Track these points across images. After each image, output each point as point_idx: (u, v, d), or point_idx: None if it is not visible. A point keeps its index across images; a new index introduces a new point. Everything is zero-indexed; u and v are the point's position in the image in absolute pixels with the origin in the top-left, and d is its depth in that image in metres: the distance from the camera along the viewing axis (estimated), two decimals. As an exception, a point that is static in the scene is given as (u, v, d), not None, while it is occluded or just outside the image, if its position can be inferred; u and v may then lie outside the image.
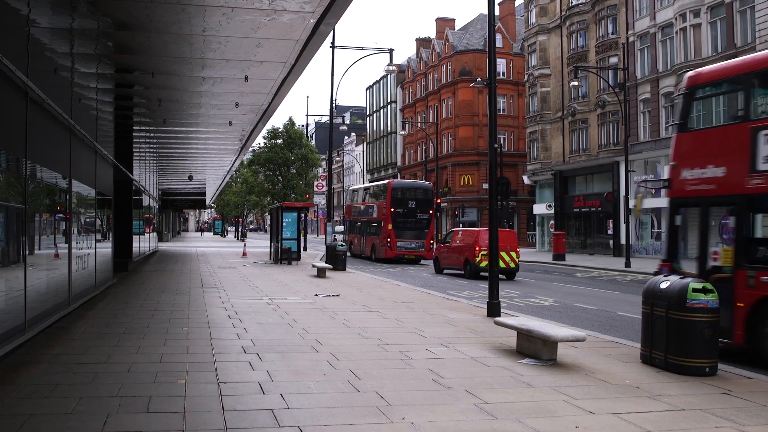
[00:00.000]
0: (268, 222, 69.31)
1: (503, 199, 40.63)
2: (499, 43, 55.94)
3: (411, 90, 69.23)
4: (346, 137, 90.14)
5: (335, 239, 29.00)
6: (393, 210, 31.30)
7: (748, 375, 7.46)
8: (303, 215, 34.65)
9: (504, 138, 53.87)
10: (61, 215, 11.24)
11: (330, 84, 30.62)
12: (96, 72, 11.85)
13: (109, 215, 17.68)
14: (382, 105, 77.79)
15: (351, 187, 57.87)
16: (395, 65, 40.60)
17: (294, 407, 5.73)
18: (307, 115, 59.21)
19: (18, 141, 8.13)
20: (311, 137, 68.05)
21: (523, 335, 8.32)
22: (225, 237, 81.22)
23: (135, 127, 18.00)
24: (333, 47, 27.20)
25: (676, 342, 7.39)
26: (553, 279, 23.00)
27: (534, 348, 8.05)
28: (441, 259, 25.63)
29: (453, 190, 56.64)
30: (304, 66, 11.31)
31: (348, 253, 28.23)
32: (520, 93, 55.72)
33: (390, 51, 30.85)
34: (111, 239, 17.94)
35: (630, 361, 8.01)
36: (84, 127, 12.14)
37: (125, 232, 20.85)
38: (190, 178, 33.75)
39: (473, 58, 57.46)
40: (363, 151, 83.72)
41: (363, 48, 30.78)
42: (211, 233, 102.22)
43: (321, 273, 20.26)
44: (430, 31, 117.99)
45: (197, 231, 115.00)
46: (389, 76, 70.66)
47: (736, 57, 22.76)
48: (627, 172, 31.06)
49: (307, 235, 48.73)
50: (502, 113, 55.15)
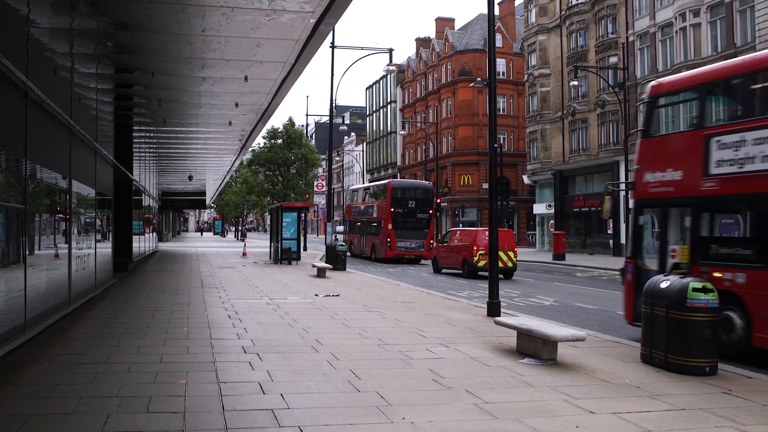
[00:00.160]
0: (267, 222, 69.35)
1: (503, 199, 40.66)
2: (499, 43, 55.92)
3: (411, 90, 69.23)
4: (346, 137, 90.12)
5: (336, 239, 29.01)
6: (393, 210, 31.31)
7: (748, 375, 7.46)
8: (303, 215, 34.65)
9: (504, 138, 53.86)
10: (61, 215, 11.24)
11: (330, 84, 30.62)
12: (96, 72, 11.86)
13: (109, 215, 17.68)
14: (381, 105, 77.77)
15: (351, 187, 57.86)
16: (395, 65, 40.60)
17: (294, 407, 5.73)
18: (307, 115, 59.33)
19: (18, 141, 8.13)
20: (311, 137, 68.09)
21: (523, 335, 8.32)
22: (225, 237, 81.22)
23: (135, 127, 18.01)
24: (333, 47, 27.20)
25: (676, 341, 7.39)
26: (553, 279, 23.01)
27: (534, 348, 8.05)
28: (439, 259, 25.71)
29: (453, 189, 56.64)
30: (303, 66, 11.32)
31: (348, 253, 28.24)
32: (519, 93, 55.71)
33: (390, 51, 30.88)
34: (111, 239, 17.95)
35: (630, 361, 8.01)
36: (84, 127, 12.14)
37: (125, 232, 20.85)
38: (190, 178, 33.76)
39: (473, 57, 57.46)
40: (363, 151, 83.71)
41: (363, 48, 30.81)
42: (211, 233, 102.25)
43: (321, 273, 20.26)
44: (429, 31, 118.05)
45: (197, 231, 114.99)
46: (389, 76, 70.62)
47: (735, 57, 22.76)
48: (627, 171, 31.08)
49: (307, 235, 48.75)
50: (501, 113, 55.15)
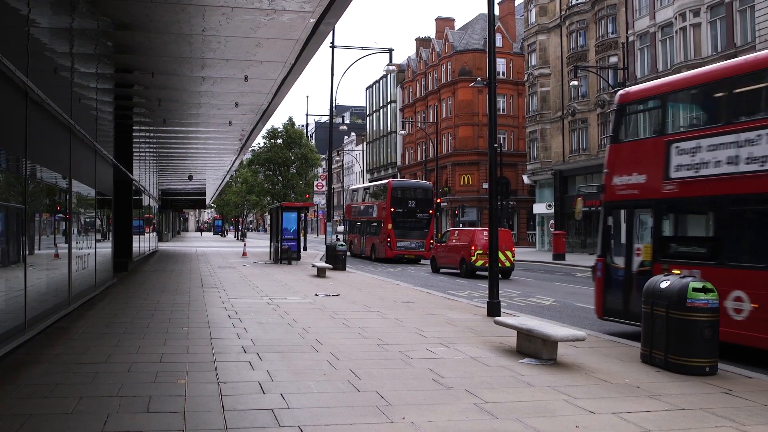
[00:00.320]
0: (267, 222, 69.32)
1: (503, 199, 40.64)
2: (499, 43, 55.92)
3: (411, 90, 69.22)
4: (345, 137, 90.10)
5: (338, 239, 28.99)
6: (393, 210, 31.31)
7: (748, 374, 7.45)
8: (303, 215, 34.63)
9: (504, 138, 53.86)
10: (61, 215, 11.24)
11: (330, 84, 30.62)
12: (96, 72, 11.85)
13: (109, 215, 17.67)
14: (381, 105, 77.77)
15: (351, 187, 57.86)
16: (395, 65, 40.59)
17: (294, 407, 5.73)
18: (307, 115, 59.35)
19: (18, 141, 8.13)
20: (311, 137, 67.99)
21: (523, 335, 8.32)
22: (225, 237, 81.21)
23: (135, 127, 18.01)
24: (333, 47, 27.19)
25: (676, 341, 7.39)
26: (553, 279, 23.00)
27: (534, 347, 8.05)
28: (438, 258, 25.82)
29: (453, 189, 56.64)
30: (304, 66, 11.31)
31: (348, 253, 28.24)
32: (519, 93, 55.71)
33: (390, 51, 30.84)
34: (111, 239, 17.94)
35: (630, 361, 8.01)
36: (84, 127, 12.14)
37: (125, 232, 20.85)
38: (190, 178, 33.75)
39: (473, 57, 57.46)
40: (363, 151, 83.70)
41: (363, 48, 30.80)
42: (211, 233, 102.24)
43: (321, 273, 20.26)
44: (430, 31, 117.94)
45: (197, 231, 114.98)
46: (389, 75, 70.60)
47: (736, 57, 22.77)
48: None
49: (307, 235, 48.74)
50: (501, 113, 55.15)
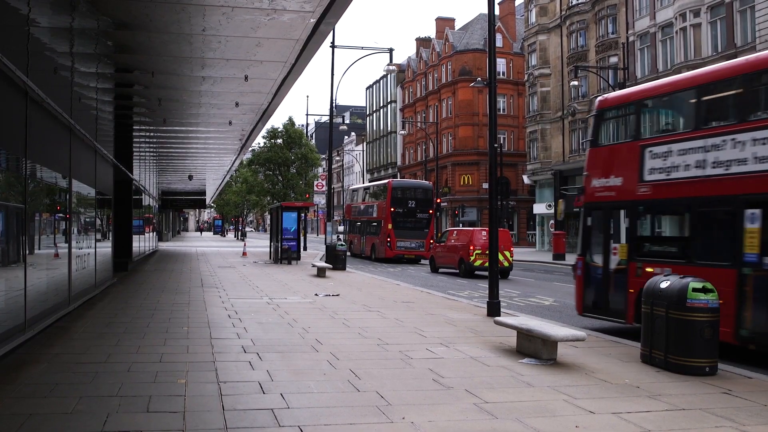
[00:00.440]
0: (267, 222, 69.30)
1: (503, 199, 40.63)
2: (499, 43, 55.92)
3: (411, 90, 69.21)
4: (346, 137, 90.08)
5: (339, 238, 28.95)
6: (393, 210, 31.31)
7: (748, 375, 7.46)
8: (303, 215, 34.62)
9: (504, 138, 53.84)
10: (61, 215, 11.24)
11: (330, 83, 30.61)
12: (96, 71, 11.84)
13: (109, 215, 17.67)
14: (382, 105, 77.76)
15: (351, 187, 57.84)
16: (395, 65, 40.57)
17: (294, 407, 5.73)
18: (307, 115, 59.34)
19: (18, 140, 8.13)
20: (311, 137, 67.99)
21: (523, 335, 8.32)
22: (225, 237, 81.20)
23: (135, 127, 17.99)
24: (333, 47, 27.17)
25: (676, 341, 7.40)
26: (553, 279, 23.00)
27: (534, 347, 8.05)
28: (436, 258, 25.88)
29: (453, 189, 56.63)
30: (304, 65, 11.30)
31: (348, 253, 28.24)
32: (520, 93, 55.69)
33: (390, 51, 30.82)
34: (111, 239, 17.94)
35: (630, 361, 8.01)
36: (84, 127, 12.14)
37: (125, 231, 20.84)
38: (190, 177, 33.73)
39: (473, 57, 57.44)
40: (363, 151, 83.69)
41: (363, 48, 30.78)
42: (211, 233, 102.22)
43: (321, 273, 20.26)
44: (430, 31, 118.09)
45: (197, 231, 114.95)
46: (389, 75, 70.59)
47: (736, 57, 22.79)
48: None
49: (307, 235, 48.73)
50: (501, 113, 55.13)
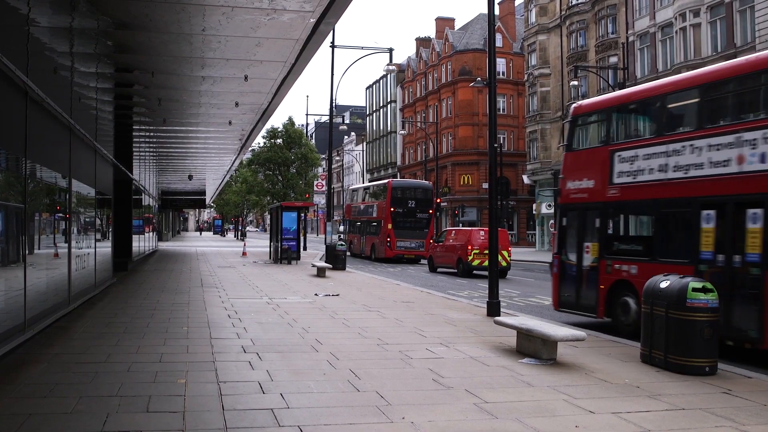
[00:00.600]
0: (267, 221, 69.30)
1: (503, 199, 40.62)
2: (499, 43, 55.90)
3: (411, 89, 69.20)
4: (345, 137, 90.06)
5: (340, 238, 28.91)
6: (393, 209, 31.30)
7: (748, 374, 7.46)
8: (303, 215, 34.62)
9: (504, 138, 53.84)
10: (61, 215, 11.24)
11: (330, 83, 30.61)
12: (96, 71, 11.84)
13: (109, 215, 17.67)
14: (381, 104, 77.75)
15: (351, 187, 57.85)
16: (395, 65, 40.54)
17: (294, 407, 5.73)
18: (307, 115, 59.34)
19: (18, 140, 8.13)
20: (311, 137, 67.96)
21: (523, 335, 8.31)
22: (224, 236, 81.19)
23: (135, 127, 17.99)
24: (333, 47, 27.17)
25: (675, 341, 7.40)
26: (553, 278, 22.98)
27: (534, 347, 8.04)
28: (435, 258, 25.99)
29: (453, 189, 56.63)
30: (304, 65, 11.30)
31: (348, 253, 28.24)
32: (519, 93, 55.70)
33: (390, 50, 30.82)
34: (111, 239, 17.94)
35: (630, 361, 8.01)
36: (84, 127, 12.13)
37: (125, 231, 20.83)
38: (189, 177, 33.72)
39: (473, 57, 57.44)
40: (363, 151, 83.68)
41: (363, 47, 30.79)
42: (211, 233, 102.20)
43: (321, 272, 20.26)
44: (430, 31, 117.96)
45: (197, 230, 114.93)
46: (389, 75, 70.55)
47: (735, 57, 22.77)
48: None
49: (307, 235, 48.72)
50: (501, 113, 55.14)
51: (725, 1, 29.26)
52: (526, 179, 49.22)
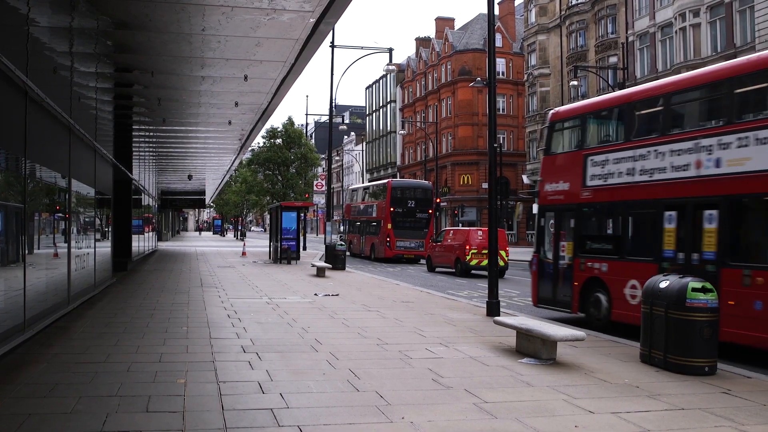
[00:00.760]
0: (267, 221, 69.28)
1: (503, 199, 40.62)
2: (499, 43, 55.91)
3: (410, 89, 69.22)
4: (345, 137, 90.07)
5: (341, 237, 28.88)
6: (392, 209, 31.30)
7: (747, 374, 7.46)
8: (302, 215, 34.62)
9: (503, 137, 53.88)
10: (61, 214, 11.24)
11: (330, 83, 30.63)
12: (95, 71, 11.83)
13: (109, 214, 17.66)
14: (381, 104, 77.75)
15: (350, 187, 57.86)
16: (395, 65, 40.53)
17: (293, 407, 5.73)
18: (307, 115, 59.27)
19: (17, 140, 8.12)
20: (311, 137, 67.98)
21: (523, 335, 8.32)
22: (224, 236, 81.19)
23: (134, 127, 17.98)
24: (333, 46, 27.17)
25: (675, 341, 7.40)
26: (553, 278, 22.98)
27: (533, 347, 8.05)
28: (433, 258, 26.05)
29: (452, 189, 56.64)
30: (303, 65, 11.29)
31: (347, 253, 28.24)
32: (519, 92, 55.73)
33: (390, 50, 30.85)
34: (110, 238, 17.93)
35: (629, 361, 8.01)
36: (83, 127, 12.13)
37: (124, 231, 20.82)
38: (189, 177, 33.70)
39: (473, 57, 57.46)
40: (362, 151, 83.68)
41: (363, 47, 30.80)
42: (211, 233, 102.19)
43: (320, 272, 20.26)
44: (429, 31, 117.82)
45: (196, 230, 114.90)
46: (389, 75, 70.54)
47: (735, 57, 22.78)
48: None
49: (307, 235, 48.71)
50: (501, 113, 55.17)
51: (725, 1, 29.27)
52: (526, 179, 49.23)
